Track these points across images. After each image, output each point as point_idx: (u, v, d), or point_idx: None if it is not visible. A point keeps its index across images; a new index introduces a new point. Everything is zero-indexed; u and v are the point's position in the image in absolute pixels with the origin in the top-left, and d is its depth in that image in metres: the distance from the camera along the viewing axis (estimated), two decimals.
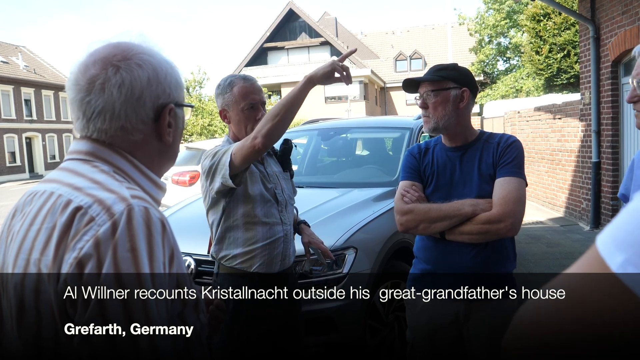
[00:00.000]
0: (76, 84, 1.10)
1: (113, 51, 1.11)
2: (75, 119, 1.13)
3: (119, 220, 0.95)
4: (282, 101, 2.26)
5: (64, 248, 0.95)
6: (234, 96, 2.49)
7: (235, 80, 2.54)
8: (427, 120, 2.31)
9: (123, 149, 1.13)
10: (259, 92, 2.55)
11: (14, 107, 35.54)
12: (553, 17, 19.44)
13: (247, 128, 2.51)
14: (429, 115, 2.29)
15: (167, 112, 1.16)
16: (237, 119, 2.52)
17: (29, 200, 1.09)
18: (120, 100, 1.09)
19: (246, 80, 2.54)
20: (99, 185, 1.03)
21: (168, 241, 1.03)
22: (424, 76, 2.31)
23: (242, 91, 2.50)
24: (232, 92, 2.50)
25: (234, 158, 2.30)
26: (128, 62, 1.10)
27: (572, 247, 7.48)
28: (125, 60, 1.10)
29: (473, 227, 2.18)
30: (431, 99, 2.28)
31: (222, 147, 2.45)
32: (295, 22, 40.57)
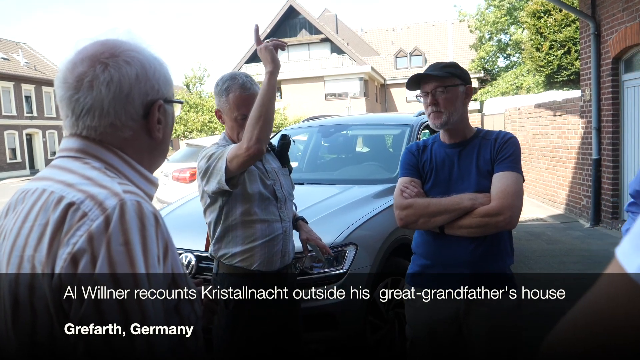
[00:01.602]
0: (64, 81, 1.10)
1: (101, 49, 1.11)
2: (64, 116, 1.13)
3: (111, 215, 0.96)
4: (258, 102, 2.25)
5: (58, 244, 0.95)
6: (228, 103, 2.48)
7: (232, 86, 2.50)
8: (438, 115, 2.30)
9: (113, 146, 1.13)
10: (253, 102, 2.48)
11: (15, 103, 35.54)
12: (554, 13, 19.42)
13: (238, 135, 2.51)
14: (441, 110, 2.29)
15: (157, 109, 1.16)
16: (230, 124, 2.53)
17: (21, 198, 1.09)
18: (108, 98, 1.09)
19: (243, 89, 2.49)
20: (90, 181, 1.03)
21: (162, 234, 1.03)
22: (434, 72, 2.31)
23: (236, 101, 2.48)
24: (227, 98, 2.48)
25: (229, 165, 2.30)
26: (116, 59, 1.10)
27: (572, 244, 7.49)
28: (113, 57, 1.10)
29: (472, 220, 2.20)
30: (442, 95, 2.29)
31: (217, 150, 2.43)
32: (295, 19, 40.52)
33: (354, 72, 37.46)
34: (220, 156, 2.35)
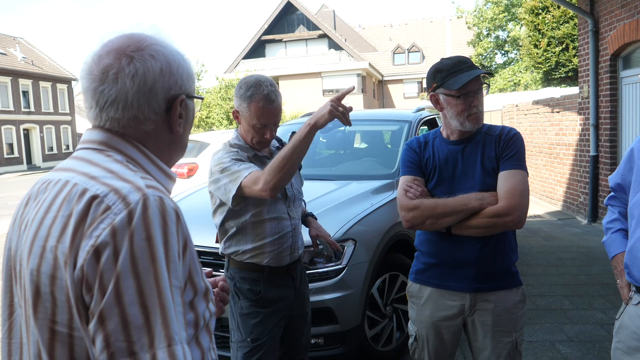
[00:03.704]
0: (90, 73, 1.11)
1: (127, 42, 1.13)
2: (88, 108, 1.14)
3: (134, 210, 0.96)
4: (288, 151, 2.19)
5: (81, 235, 0.96)
6: (249, 110, 2.44)
7: (256, 94, 2.43)
8: (478, 117, 2.25)
9: (135, 139, 1.14)
10: (274, 116, 2.47)
11: (12, 98, 35.44)
12: (552, 10, 19.42)
13: (252, 140, 2.52)
14: (480, 111, 2.25)
15: (179, 103, 1.17)
16: (247, 128, 2.50)
17: (42, 188, 1.10)
18: (133, 90, 1.10)
19: (267, 101, 2.43)
20: (113, 174, 1.04)
21: (182, 231, 1.04)
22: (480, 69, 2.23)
23: (258, 112, 2.43)
24: (249, 106, 2.44)
25: (240, 192, 2.33)
26: (141, 52, 1.12)
27: (569, 240, 7.51)
28: (138, 50, 1.12)
29: (480, 221, 2.17)
30: (482, 94, 2.25)
31: (231, 164, 2.41)
32: (293, 15, 40.43)
33: (351, 68, 37.43)
34: (233, 179, 2.35)
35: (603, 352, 3.88)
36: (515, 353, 2.31)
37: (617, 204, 2.27)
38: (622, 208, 2.22)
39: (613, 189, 2.27)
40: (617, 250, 2.19)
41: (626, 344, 2.07)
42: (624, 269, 2.10)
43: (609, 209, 2.31)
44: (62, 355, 0.99)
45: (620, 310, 2.16)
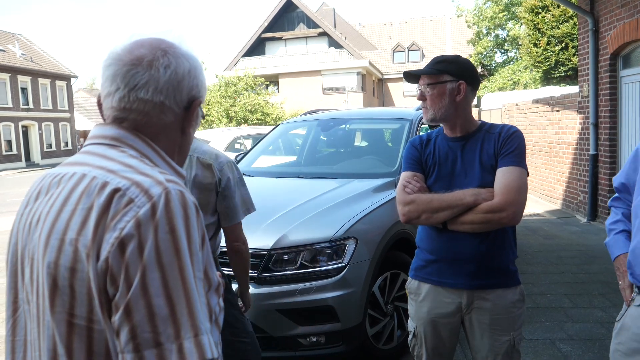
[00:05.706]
0: (119, 59, 1.13)
1: (159, 41, 1.18)
2: (110, 92, 1.14)
3: (157, 203, 0.98)
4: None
5: (104, 228, 0.97)
6: None
7: None
8: (425, 112, 2.35)
9: (148, 135, 1.16)
10: None
11: (11, 95, 35.41)
12: (551, 9, 19.42)
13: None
14: (427, 107, 2.33)
15: (197, 105, 1.22)
16: None
17: (55, 182, 1.10)
18: (164, 78, 1.14)
19: None
20: (132, 169, 1.05)
21: (200, 224, 1.06)
22: (423, 69, 2.32)
23: None
24: None
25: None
26: (174, 50, 1.18)
27: (569, 239, 7.52)
28: (171, 48, 1.18)
29: (475, 216, 2.19)
30: (428, 92, 2.31)
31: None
32: (293, 13, 40.39)
33: (351, 67, 37.41)
34: None
35: (603, 350, 3.89)
36: (513, 352, 2.32)
37: (621, 205, 2.27)
38: (626, 209, 2.23)
39: (617, 189, 2.28)
40: (620, 251, 2.20)
41: (627, 346, 2.07)
42: (626, 270, 2.11)
43: (613, 210, 2.32)
44: (79, 349, 1.00)
45: (622, 311, 2.16)
